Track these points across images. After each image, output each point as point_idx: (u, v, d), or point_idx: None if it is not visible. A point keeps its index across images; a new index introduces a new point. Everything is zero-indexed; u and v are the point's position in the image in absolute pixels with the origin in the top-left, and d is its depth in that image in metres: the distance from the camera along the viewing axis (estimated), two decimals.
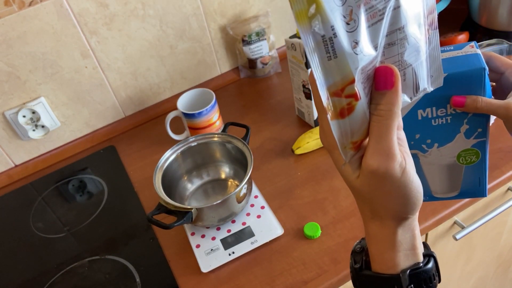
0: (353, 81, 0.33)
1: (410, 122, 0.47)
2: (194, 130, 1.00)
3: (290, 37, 0.92)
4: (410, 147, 0.49)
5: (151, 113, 1.15)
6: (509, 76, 0.48)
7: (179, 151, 0.87)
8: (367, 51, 0.33)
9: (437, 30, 0.37)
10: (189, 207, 0.75)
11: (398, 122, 0.38)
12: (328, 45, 0.32)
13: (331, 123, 0.34)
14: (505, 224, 1.06)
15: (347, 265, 0.74)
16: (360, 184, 0.37)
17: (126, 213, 0.93)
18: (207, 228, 0.82)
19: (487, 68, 0.44)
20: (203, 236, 0.81)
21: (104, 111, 1.10)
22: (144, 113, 1.15)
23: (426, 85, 0.38)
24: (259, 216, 0.83)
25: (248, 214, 0.83)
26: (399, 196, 0.37)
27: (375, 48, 0.34)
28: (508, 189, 0.94)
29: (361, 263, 0.43)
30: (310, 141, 0.93)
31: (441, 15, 1.15)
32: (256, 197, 0.86)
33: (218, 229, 0.82)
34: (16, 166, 1.07)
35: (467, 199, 0.80)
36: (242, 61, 1.19)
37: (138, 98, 1.13)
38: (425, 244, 0.43)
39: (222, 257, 0.78)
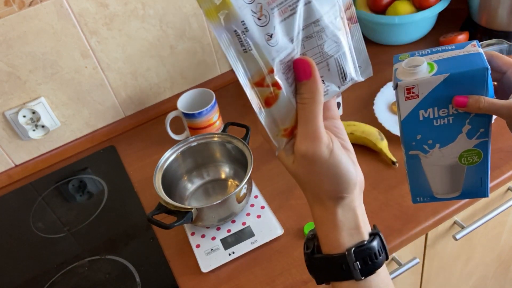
0: (272, 71, 0.36)
1: (412, 122, 0.47)
2: (194, 130, 1.00)
3: None
4: (412, 148, 0.49)
5: (151, 113, 1.15)
6: (511, 76, 0.48)
7: (179, 151, 0.87)
8: (283, 44, 0.36)
9: (358, 24, 0.40)
10: (189, 207, 0.75)
11: (333, 111, 0.43)
12: (242, 38, 0.34)
13: (258, 112, 0.37)
14: (505, 224, 1.06)
15: None
16: (295, 169, 0.40)
17: (126, 213, 0.93)
18: (207, 228, 0.82)
19: (489, 67, 0.44)
20: (203, 236, 0.81)
21: (104, 111, 1.10)
22: (144, 113, 1.15)
23: (354, 75, 0.41)
24: (259, 216, 0.83)
25: (248, 214, 0.83)
26: (330, 176, 0.39)
27: (291, 40, 0.36)
28: (508, 189, 0.94)
29: (312, 248, 0.44)
30: None
31: (441, 15, 1.15)
32: (256, 197, 0.86)
33: (218, 229, 0.82)
34: (16, 166, 1.07)
35: (466, 199, 0.80)
36: None
37: (138, 98, 1.13)
38: (374, 226, 0.44)
39: (222, 257, 0.78)
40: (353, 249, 0.41)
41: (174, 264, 0.80)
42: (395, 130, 0.91)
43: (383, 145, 0.89)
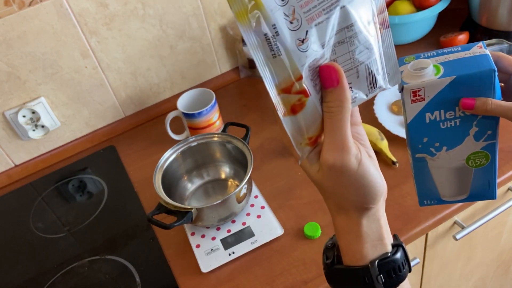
0: (301, 78, 0.34)
1: (418, 125, 0.46)
2: (194, 130, 1.00)
3: None
4: (418, 151, 0.49)
5: (151, 113, 1.15)
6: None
7: (179, 151, 0.87)
8: (314, 49, 0.34)
9: (390, 29, 0.38)
10: (189, 207, 0.75)
11: (356, 118, 0.42)
12: (271, 43, 0.32)
13: (283, 119, 0.35)
14: (505, 224, 1.06)
15: None
16: (320, 178, 0.39)
17: (126, 213, 0.93)
18: (207, 228, 0.82)
19: (496, 69, 0.43)
20: (203, 236, 0.81)
21: (104, 111, 1.10)
22: (144, 113, 1.15)
23: (383, 83, 0.39)
24: (259, 216, 0.83)
25: (248, 214, 0.83)
26: (358, 187, 0.38)
27: (322, 46, 0.35)
28: (508, 189, 0.94)
29: (332, 258, 0.43)
30: None
31: (441, 15, 1.15)
32: (256, 197, 0.86)
33: (218, 229, 0.82)
34: (16, 166, 1.07)
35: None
36: (242, 61, 1.19)
37: (138, 98, 1.13)
38: (395, 236, 0.43)
39: (222, 257, 0.78)
40: (376, 261, 0.40)
41: (174, 264, 0.80)
42: (395, 130, 0.91)
43: (383, 145, 0.89)
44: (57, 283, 0.83)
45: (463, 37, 1.07)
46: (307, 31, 0.33)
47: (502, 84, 0.49)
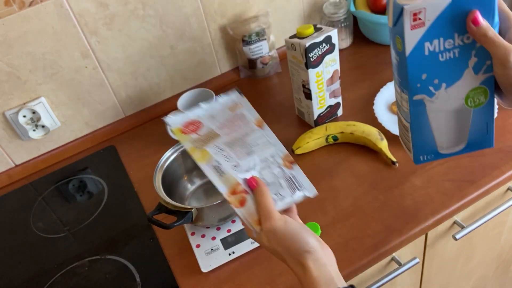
0: (239, 184, 0.58)
1: (417, 58, 0.45)
2: None
3: (290, 37, 0.92)
4: (417, 91, 0.47)
5: (151, 113, 1.15)
6: (501, 23, 0.47)
7: (179, 151, 0.87)
8: (244, 170, 0.59)
9: (296, 163, 0.62)
10: (189, 207, 0.75)
11: (292, 212, 0.60)
12: (218, 170, 0.59)
13: (236, 210, 0.56)
14: (505, 224, 1.06)
15: (347, 265, 0.74)
16: (270, 245, 0.55)
17: (126, 213, 0.93)
18: (207, 228, 0.82)
19: None
20: (203, 236, 0.81)
21: (104, 111, 1.10)
22: (144, 113, 1.15)
23: (302, 192, 0.60)
24: None
25: None
26: (293, 236, 0.54)
27: (247, 170, 0.59)
28: (508, 189, 0.94)
29: None
30: (310, 141, 0.93)
31: None
32: None
33: (218, 229, 0.82)
34: (16, 166, 1.07)
35: (466, 199, 0.80)
36: (242, 61, 1.19)
37: (138, 98, 1.13)
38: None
39: (222, 257, 0.78)
40: None
41: (174, 264, 0.80)
42: (395, 130, 0.91)
43: (383, 145, 0.89)
44: (57, 283, 0.83)
45: None
46: (238, 161, 0.60)
47: None
